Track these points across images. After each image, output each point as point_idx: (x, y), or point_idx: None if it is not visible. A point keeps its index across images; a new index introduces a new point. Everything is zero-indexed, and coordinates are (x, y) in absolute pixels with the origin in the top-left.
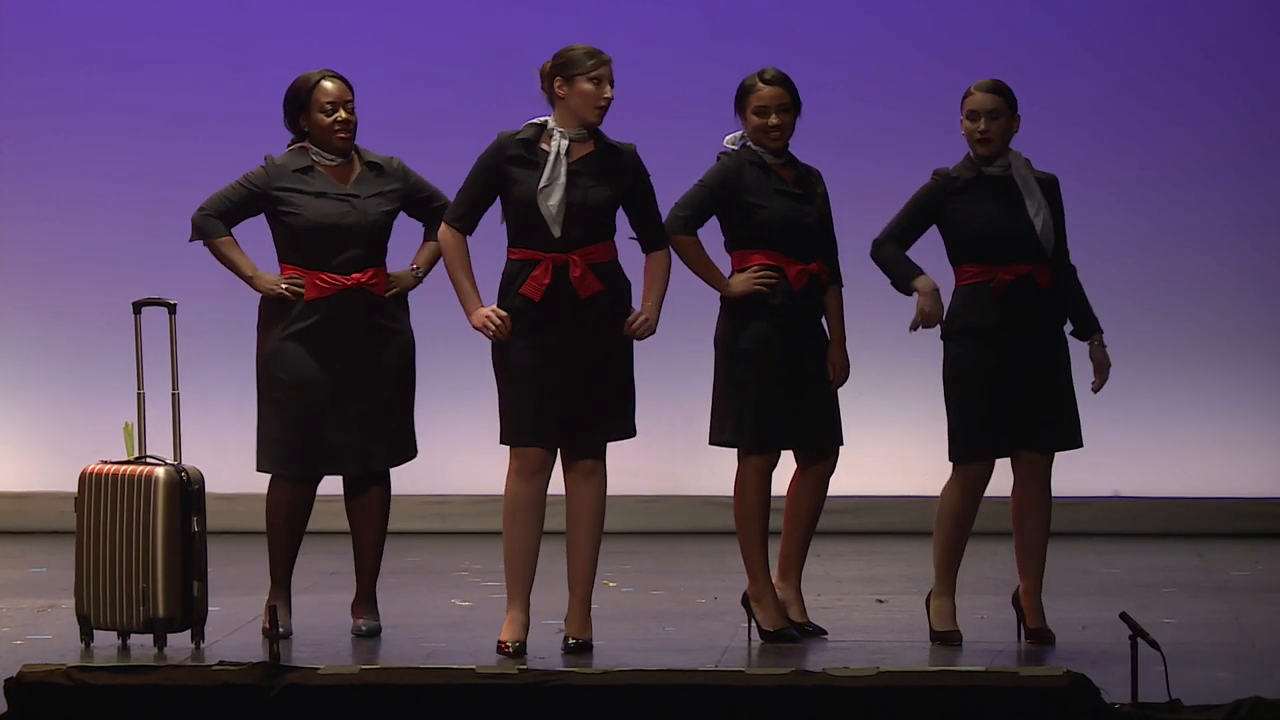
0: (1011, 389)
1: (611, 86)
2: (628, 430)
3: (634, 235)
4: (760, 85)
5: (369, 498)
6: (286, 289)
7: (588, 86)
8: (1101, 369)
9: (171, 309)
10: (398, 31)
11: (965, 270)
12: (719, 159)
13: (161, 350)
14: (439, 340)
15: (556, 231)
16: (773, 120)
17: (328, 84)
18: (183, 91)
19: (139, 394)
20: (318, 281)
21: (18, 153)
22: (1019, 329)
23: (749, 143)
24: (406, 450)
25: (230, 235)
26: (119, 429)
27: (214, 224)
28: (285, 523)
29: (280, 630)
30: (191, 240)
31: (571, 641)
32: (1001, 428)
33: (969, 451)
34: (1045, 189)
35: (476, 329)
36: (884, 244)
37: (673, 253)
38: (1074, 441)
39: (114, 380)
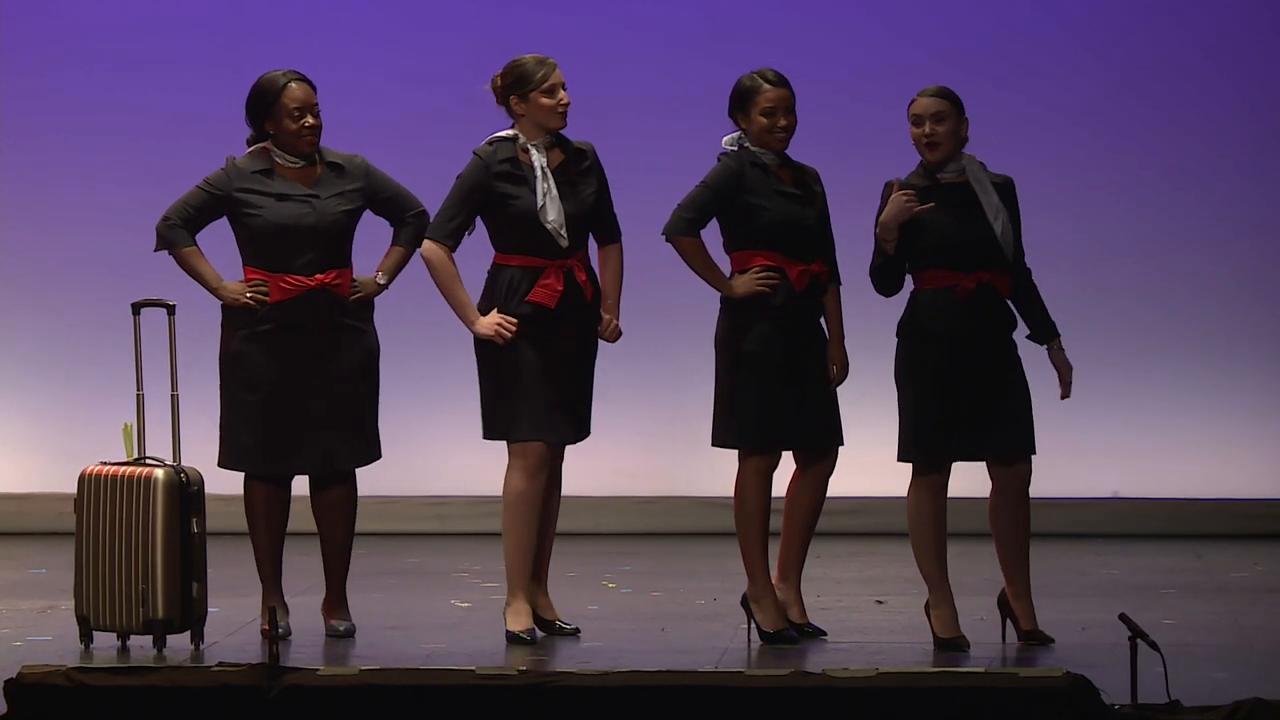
0: (964, 394)
1: (565, 88)
2: (589, 429)
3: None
4: (767, 86)
5: (334, 498)
6: (251, 298)
7: (545, 100)
8: (1064, 372)
9: (170, 310)
10: (397, 31)
11: (927, 276)
12: (720, 160)
13: (161, 351)
14: (437, 342)
15: (564, 242)
16: (782, 121)
17: (294, 88)
18: (183, 91)
19: (138, 395)
20: (281, 284)
21: (18, 153)
22: (976, 336)
23: (747, 144)
24: (370, 451)
25: (195, 245)
26: (118, 430)
27: (179, 234)
28: (264, 524)
29: (280, 630)
30: (156, 250)
31: (559, 626)
32: (953, 431)
33: (919, 451)
34: (1001, 192)
35: (486, 337)
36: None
37: (675, 250)
38: (1028, 448)
39: (113, 381)
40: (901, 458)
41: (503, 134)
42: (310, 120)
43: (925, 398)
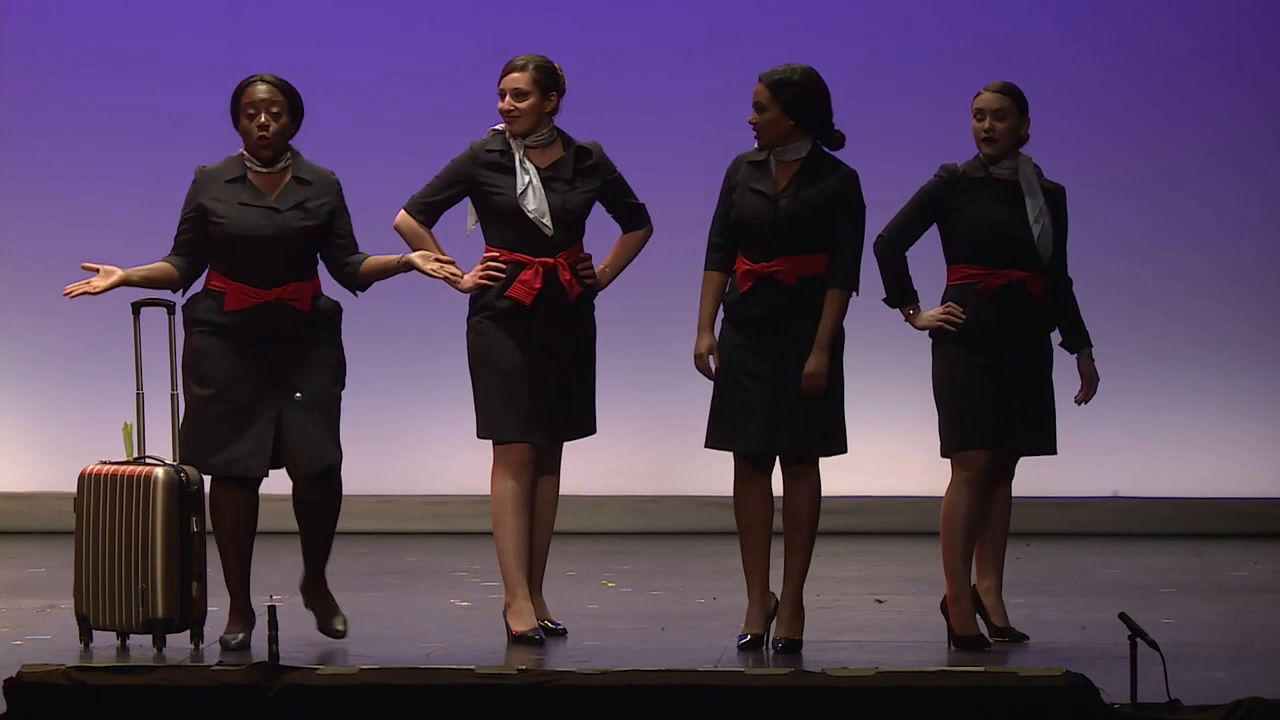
0: (995, 390)
1: (515, 96)
2: (594, 427)
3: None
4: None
5: (311, 499)
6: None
7: (500, 103)
8: (1090, 382)
9: (170, 309)
10: (396, 30)
11: (959, 270)
12: None
13: (160, 351)
14: (436, 341)
15: (549, 232)
16: (750, 117)
17: (254, 88)
18: (182, 91)
19: (138, 394)
20: (240, 294)
21: (18, 153)
22: (1005, 333)
23: None
24: (323, 456)
25: (165, 261)
26: (118, 429)
27: (186, 277)
28: (229, 527)
29: (234, 641)
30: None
31: (548, 625)
32: (990, 424)
33: (965, 446)
34: (1051, 198)
35: (479, 286)
36: (889, 245)
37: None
38: (1049, 448)
39: (113, 380)
40: (943, 453)
41: (499, 126)
42: (263, 119)
43: (959, 394)
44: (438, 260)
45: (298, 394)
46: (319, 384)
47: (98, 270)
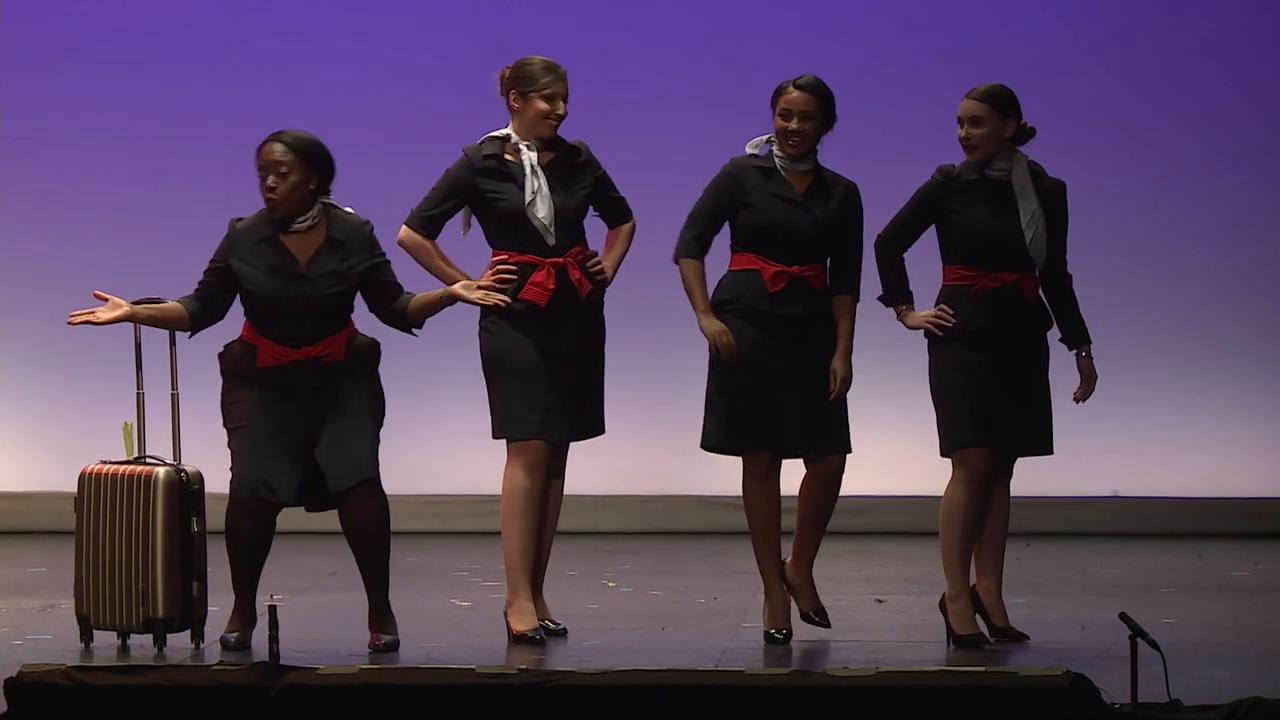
0: (991, 388)
1: (565, 101)
2: (603, 426)
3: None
4: (791, 90)
5: (356, 515)
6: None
7: (542, 105)
8: (1088, 379)
9: None
10: (396, 30)
11: (953, 271)
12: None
13: (161, 350)
14: (437, 341)
15: (552, 240)
16: (793, 125)
17: (265, 148)
18: (182, 91)
19: (138, 394)
20: (270, 351)
21: (18, 153)
22: (999, 335)
23: (774, 147)
24: (353, 471)
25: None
26: (119, 429)
27: (198, 323)
28: (244, 548)
29: (233, 640)
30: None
31: (549, 624)
32: (988, 422)
33: (964, 444)
34: (1050, 197)
35: (481, 301)
36: (888, 244)
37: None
38: (1045, 448)
39: (114, 380)
40: (942, 453)
41: (496, 133)
42: (270, 180)
43: (955, 392)
44: (481, 289)
45: (324, 431)
46: (351, 419)
47: (106, 300)
